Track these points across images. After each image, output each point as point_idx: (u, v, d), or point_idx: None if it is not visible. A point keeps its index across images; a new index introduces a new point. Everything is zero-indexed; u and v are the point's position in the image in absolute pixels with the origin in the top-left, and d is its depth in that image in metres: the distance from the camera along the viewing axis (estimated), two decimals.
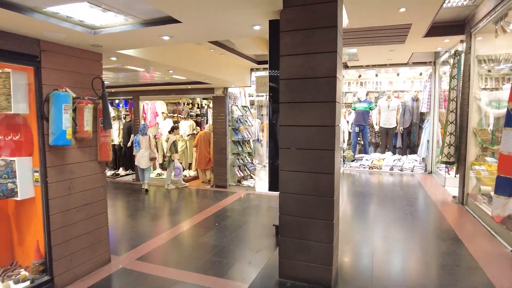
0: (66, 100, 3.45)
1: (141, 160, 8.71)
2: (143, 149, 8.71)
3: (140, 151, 8.70)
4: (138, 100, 9.75)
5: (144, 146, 8.73)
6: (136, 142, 8.80)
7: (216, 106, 8.76)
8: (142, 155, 8.70)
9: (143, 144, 8.72)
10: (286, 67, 2.42)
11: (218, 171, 8.82)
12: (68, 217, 3.72)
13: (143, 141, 8.72)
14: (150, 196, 8.26)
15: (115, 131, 10.94)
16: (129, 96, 9.89)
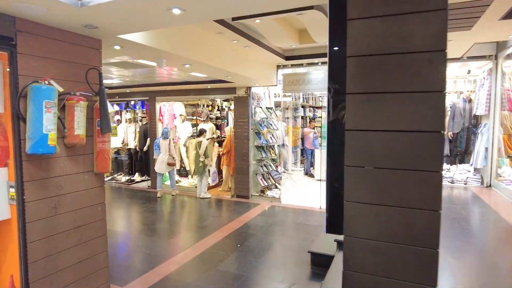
0: (49, 95, 2.67)
1: (160, 165, 8.03)
2: (163, 153, 8.04)
3: (160, 155, 8.04)
4: (155, 101, 9.05)
5: (164, 150, 8.08)
6: (157, 145, 8.14)
7: (237, 108, 7.92)
8: (161, 160, 8.01)
9: (163, 147, 8.08)
10: (357, 38, 1.51)
11: (239, 179, 7.95)
12: (54, 244, 2.93)
13: (164, 145, 8.08)
14: (165, 206, 7.48)
15: (130, 134, 10.30)
16: (145, 97, 9.20)
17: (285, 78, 7.21)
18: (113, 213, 6.91)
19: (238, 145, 7.94)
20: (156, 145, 8.21)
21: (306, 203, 7.41)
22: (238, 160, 7.95)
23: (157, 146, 8.21)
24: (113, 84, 8.48)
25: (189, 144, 9.64)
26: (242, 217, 6.39)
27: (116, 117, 10.55)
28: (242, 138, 7.87)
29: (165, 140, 8.19)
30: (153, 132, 9.13)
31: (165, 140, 8.19)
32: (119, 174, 10.67)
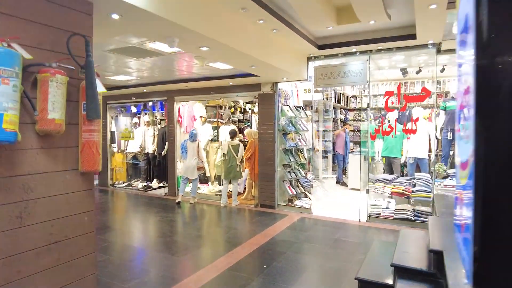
0: (7, 60, 1.92)
1: (188, 169, 7.42)
2: (190, 156, 7.36)
3: (188, 159, 7.38)
4: (173, 102, 8.39)
5: (192, 153, 7.44)
6: (184, 148, 7.49)
7: (262, 106, 7.09)
8: (190, 165, 7.34)
9: (190, 151, 7.43)
10: None
11: (264, 187, 7.07)
12: (17, 267, 2.16)
13: (191, 148, 7.45)
14: (182, 216, 6.70)
15: (149, 138, 9.69)
16: (163, 97, 8.57)
17: (317, 71, 6.33)
18: (124, 223, 6.21)
19: (262, 148, 7.09)
20: (183, 148, 7.55)
21: (341, 215, 6.42)
22: (262, 165, 7.09)
23: (184, 149, 7.54)
24: (129, 82, 7.90)
25: (209, 148, 8.90)
26: (268, 231, 5.49)
27: (134, 120, 10.00)
28: (267, 140, 7.02)
29: (193, 142, 7.53)
30: (172, 135, 8.46)
31: (193, 143, 7.52)
32: (136, 180, 10.07)
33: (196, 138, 7.59)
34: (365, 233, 5.48)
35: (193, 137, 7.53)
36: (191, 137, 7.53)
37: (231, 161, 7.25)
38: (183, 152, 7.56)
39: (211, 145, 8.87)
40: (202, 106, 9.38)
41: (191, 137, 7.53)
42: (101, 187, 9.83)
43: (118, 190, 9.46)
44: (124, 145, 10.22)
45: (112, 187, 9.79)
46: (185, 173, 7.57)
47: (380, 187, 6.58)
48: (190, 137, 7.54)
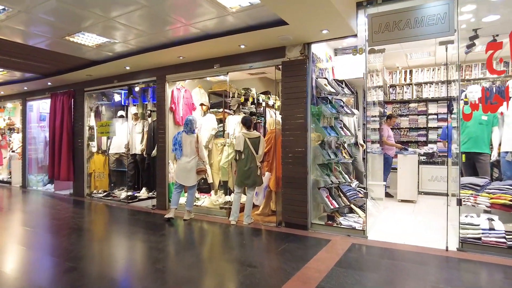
0: None
1: (183, 173, 5.37)
2: (186, 155, 5.32)
3: (183, 159, 5.32)
4: (164, 82, 6.27)
5: (190, 150, 5.36)
6: (177, 144, 5.40)
7: (287, 80, 4.92)
8: (186, 166, 5.33)
9: (187, 147, 5.36)
10: None
11: (291, 197, 4.84)
12: None
13: (188, 143, 5.37)
14: (175, 241, 4.47)
15: (137, 135, 7.56)
16: (151, 76, 6.46)
17: (372, 22, 4.16)
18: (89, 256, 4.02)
19: (287, 141, 4.88)
20: (177, 144, 5.44)
21: (413, 240, 4.15)
22: (287, 165, 4.87)
23: (178, 145, 5.43)
24: (103, 50, 5.82)
25: (212, 145, 6.72)
26: (306, 270, 3.24)
27: (120, 113, 7.90)
28: (295, 129, 4.82)
29: (191, 135, 5.45)
30: (162, 126, 6.31)
31: (190, 136, 5.44)
32: (121, 189, 7.90)
33: (194, 127, 5.45)
34: (469, 274, 3.19)
35: (189, 127, 5.39)
36: (187, 126, 5.40)
37: (249, 161, 5.05)
38: (177, 148, 5.41)
39: (215, 142, 6.70)
40: (203, 93, 7.25)
41: (187, 126, 5.40)
42: (76, 197, 7.69)
43: (96, 201, 7.30)
44: (106, 145, 8.11)
45: (89, 197, 7.64)
46: (179, 178, 5.40)
47: (468, 196, 4.30)
48: (186, 126, 5.41)
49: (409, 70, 9.24)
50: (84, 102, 7.70)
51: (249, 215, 5.09)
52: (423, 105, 9.14)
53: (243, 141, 5.10)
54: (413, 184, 6.78)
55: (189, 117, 5.48)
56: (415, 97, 9.19)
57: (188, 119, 5.44)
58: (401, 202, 6.71)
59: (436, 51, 7.55)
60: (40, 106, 9.51)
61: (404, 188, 6.79)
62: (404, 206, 6.32)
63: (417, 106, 9.24)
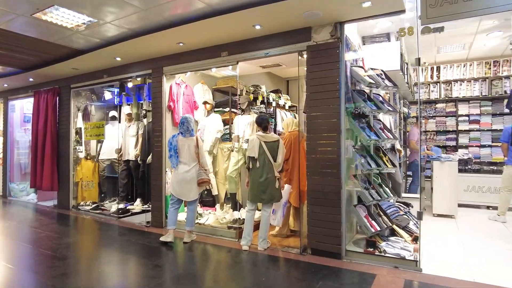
0: None
1: (182, 185, 4.38)
2: (186, 163, 4.37)
3: (181, 167, 4.37)
4: (161, 76, 5.29)
5: (188, 157, 4.37)
6: (173, 149, 4.42)
7: (315, 69, 3.93)
8: (185, 177, 4.36)
9: (185, 153, 4.39)
10: None
11: (319, 216, 3.83)
12: None
13: (185, 148, 4.39)
14: (173, 273, 3.45)
15: (130, 139, 6.58)
16: (147, 69, 5.48)
17: None
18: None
19: (314, 146, 3.89)
20: (172, 149, 4.42)
21: (481, 276, 3.14)
22: (314, 175, 3.87)
23: (173, 151, 4.42)
24: (93, 39, 4.86)
25: (218, 151, 5.74)
26: None
27: (111, 113, 6.93)
28: (324, 130, 3.83)
29: (188, 138, 4.45)
30: (158, 128, 5.32)
31: (188, 139, 4.44)
32: (112, 200, 6.90)
33: (191, 127, 4.47)
34: None
35: (186, 127, 4.43)
36: (183, 127, 4.44)
37: (265, 171, 4.04)
38: (172, 155, 4.41)
39: (220, 146, 5.72)
40: (207, 90, 6.28)
41: (183, 127, 4.44)
42: (60, 210, 6.68)
43: (83, 215, 6.29)
44: (96, 150, 7.12)
45: (74, 209, 6.63)
46: (177, 191, 4.40)
47: None
48: (182, 127, 4.44)
49: (436, 66, 8.28)
50: (71, 101, 6.71)
51: (265, 239, 4.07)
52: (452, 106, 8.15)
53: (258, 146, 4.10)
54: (452, 196, 5.77)
55: (185, 116, 4.50)
56: (443, 96, 8.22)
57: (184, 118, 4.45)
58: (437, 217, 5.71)
59: (474, 43, 6.58)
60: (24, 107, 8.54)
61: (441, 201, 5.79)
62: (443, 223, 5.32)
63: (445, 106, 8.26)
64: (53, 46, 5.04)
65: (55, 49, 5.16)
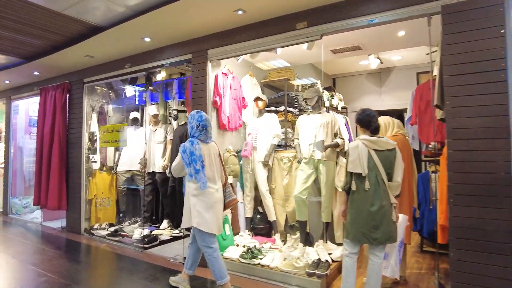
0: None
1: (218, 211, 3.10)
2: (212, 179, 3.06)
3: (210, 188, 3.00)
4: (205, 62, 3.95)
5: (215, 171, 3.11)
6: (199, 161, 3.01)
7: (457, 39, 2.54)
8: (216, 199, 3.09)
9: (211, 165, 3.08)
10: None
11: (476, 269, 2.41)
12: None
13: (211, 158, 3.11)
14: None
15: (156, 146, 5.26)
16: (185, 53, 4.14)
17: None
18: None
19: (462, 156, 2.47)
20: (198, 161, 2.97)
21: None
22: (463, 204, 2.44)
23: (200, 164, 2.98)
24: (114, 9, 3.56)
25: (274, 161, 4.35)
26: None
27: (133, 114, 5.60)
28: (482, 132, 2.43)
29: (209, 145, 3.13)
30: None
31: (209, 146, 3.12)
32: (133, 222, 5.54)
33: (208, 132, 3.12)
34: None
35: (207, 131, 3.11)
36: (205, 130, 3.08)
37: (378, 196, 2.63)
38: (201, 170, 2.96)
39: (278, 156, 4.33)
40: (255, 83, 4.93)
41: (205, 130, 3.08)
42: (69, 235, 5.35)
43: (97, 243, 4.95)
44: (114, 159, 5.79)
45: (87, 234, 5.29)
46: (209, 223, 2.97)
47: None
48: (203, 130, 3.08)
49: None
50: (84, 99, 5.42)
51: None
52: None
53: (367, 157, 2.70)
54: None
55: (201, 113, 3.12)
56: None
57: (204, 117, 3.09)
58: None
59: None
60: (29, 108, 7.30)
61: None
62: None
63: None
64: (62, 20, 3.75)
65: (64, 25, 3.87)
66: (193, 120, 3.07)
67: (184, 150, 2.99)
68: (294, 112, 4.83)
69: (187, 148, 2.98)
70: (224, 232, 3.94)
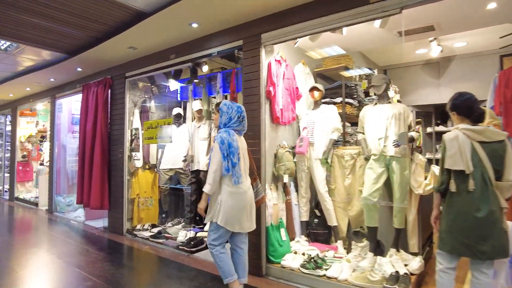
0: None
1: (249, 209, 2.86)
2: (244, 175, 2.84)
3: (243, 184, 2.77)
4: (259, 48, 3.54)
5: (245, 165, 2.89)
6: (236, 154, 2.72)
7: None
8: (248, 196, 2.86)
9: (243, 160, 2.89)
10: None
11: None
12: None
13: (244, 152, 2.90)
14: None
15: (200, 143, 4.96)
16: (236, 38, 3.76)
17: None
18: None
19: None
20: (236, 154, 2.69)
21: None
22: None
23: (237, 156, 2.71)
24: None
25: (333, 159, 3.88)
26: None
27: (176, 110, 5.33)
28: None
29: (241, 138, 2.88)
30: (254, 126, 3.55)
31: (241, 139, 2.87)
32: (177, 223, 5.26)
33: (244, 123, 2.84)
34: None
35: (245, 120, 2.86)
36: (243, 122, 2.85)
37: (484, 199, 2.12)
38: (237, 163, 2.70)
39: (337, 152, 3.85)
40: (308, 72, 4.47)
41: (243, 122, 2.85)
42: (111, 236, 5.16)
43: (140, 244, 4.70)
44: (156, 157, 5.55)
45: (129, 235, 5.07)
46: (241, 221, 2.76)
47: None
48: (242, 121, 2.84)
49: None
50: (126, 94, 5.22)
51: None
52: None
53: (470, 151, 2.17)
54: None
55: (238, 104, 2.85)
56: None
57: (241, 108, 2.85)
58: None
59: None
60: (72, 107, 7.29)
61: None
62: None
63: None
64: (105, 6, 3.49)
65: (107, 11, 3.62)
66: (232, 110, 2.76)
67: (222, 140, 2.65)
68: (353, 104, 4.32)
69: (225, 139, 2.65)
70: (280, 237, 3.53)
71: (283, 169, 3.63)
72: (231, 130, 2.72)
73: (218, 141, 2.66)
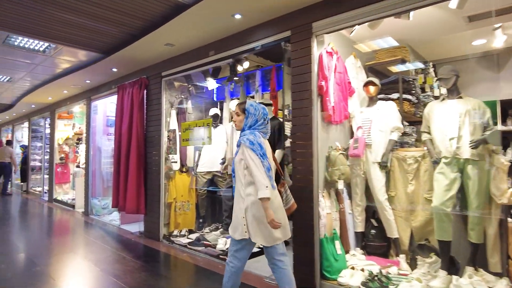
0: None
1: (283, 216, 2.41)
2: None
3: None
4: (310, 38, 3.18)
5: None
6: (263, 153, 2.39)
7: None
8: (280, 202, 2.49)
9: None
10: None
11: None
12: None
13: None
14: None
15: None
16: (281, 30, 3.41)
17: None
18: None
19: None
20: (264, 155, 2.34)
21: None
22: None
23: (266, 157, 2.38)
24: None
25: (393, 163, 3.43)
26: None
27: (213, 111, 5.06)
28: None
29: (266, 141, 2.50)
30: (305, 125, 3.19)
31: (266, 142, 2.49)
32: (215, 228, 4.98)
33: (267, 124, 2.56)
34: None
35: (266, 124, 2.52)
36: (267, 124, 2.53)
37: None
38: (270, 168, 2.36)
39: (397, 155, 3.40)
40: (359, 66, 4.05)
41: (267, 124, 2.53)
42: (148, 242, 4.96)
43: (177, 252, 4.45)
44: (193, 160, 5.32)
45: (166, 241, 4.84)
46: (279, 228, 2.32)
47: None
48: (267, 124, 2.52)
49: None
50: (162, 94, 5.01)
51: None
52: None
53: None
54: None
55: (262, 105, 2.50)
56: None
57: (266, 109, 2.52)
58: None
59: None
60: (107, 109, 7.24)
61: None
62: None
63: None
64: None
65: (144, 3, 3.39)
66: (259, 112, 2.44)
67: (252, 142, 2.30)
68: (412, 101, 3.85)
69: (254, 140, 2.31)
70: (335, 250, 3.13)
71: (338, 174, 3.24)
72: (256, 132, 2.41)
73: (246, 144, 2.30)
